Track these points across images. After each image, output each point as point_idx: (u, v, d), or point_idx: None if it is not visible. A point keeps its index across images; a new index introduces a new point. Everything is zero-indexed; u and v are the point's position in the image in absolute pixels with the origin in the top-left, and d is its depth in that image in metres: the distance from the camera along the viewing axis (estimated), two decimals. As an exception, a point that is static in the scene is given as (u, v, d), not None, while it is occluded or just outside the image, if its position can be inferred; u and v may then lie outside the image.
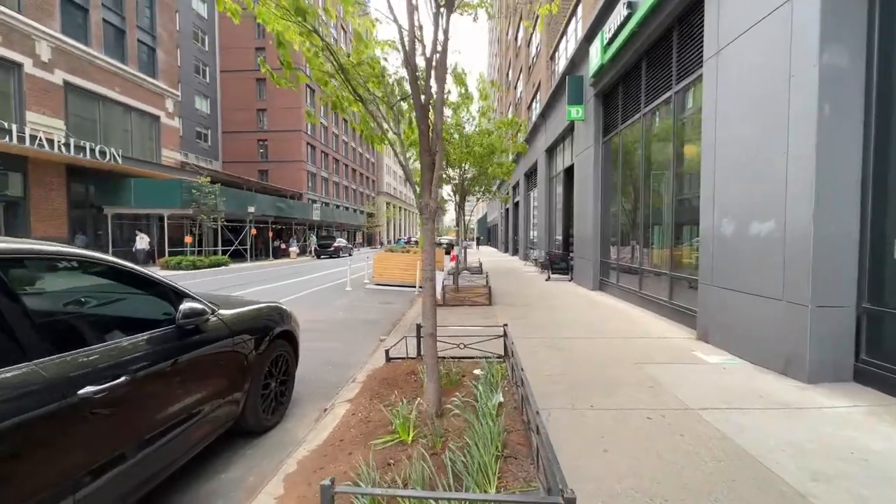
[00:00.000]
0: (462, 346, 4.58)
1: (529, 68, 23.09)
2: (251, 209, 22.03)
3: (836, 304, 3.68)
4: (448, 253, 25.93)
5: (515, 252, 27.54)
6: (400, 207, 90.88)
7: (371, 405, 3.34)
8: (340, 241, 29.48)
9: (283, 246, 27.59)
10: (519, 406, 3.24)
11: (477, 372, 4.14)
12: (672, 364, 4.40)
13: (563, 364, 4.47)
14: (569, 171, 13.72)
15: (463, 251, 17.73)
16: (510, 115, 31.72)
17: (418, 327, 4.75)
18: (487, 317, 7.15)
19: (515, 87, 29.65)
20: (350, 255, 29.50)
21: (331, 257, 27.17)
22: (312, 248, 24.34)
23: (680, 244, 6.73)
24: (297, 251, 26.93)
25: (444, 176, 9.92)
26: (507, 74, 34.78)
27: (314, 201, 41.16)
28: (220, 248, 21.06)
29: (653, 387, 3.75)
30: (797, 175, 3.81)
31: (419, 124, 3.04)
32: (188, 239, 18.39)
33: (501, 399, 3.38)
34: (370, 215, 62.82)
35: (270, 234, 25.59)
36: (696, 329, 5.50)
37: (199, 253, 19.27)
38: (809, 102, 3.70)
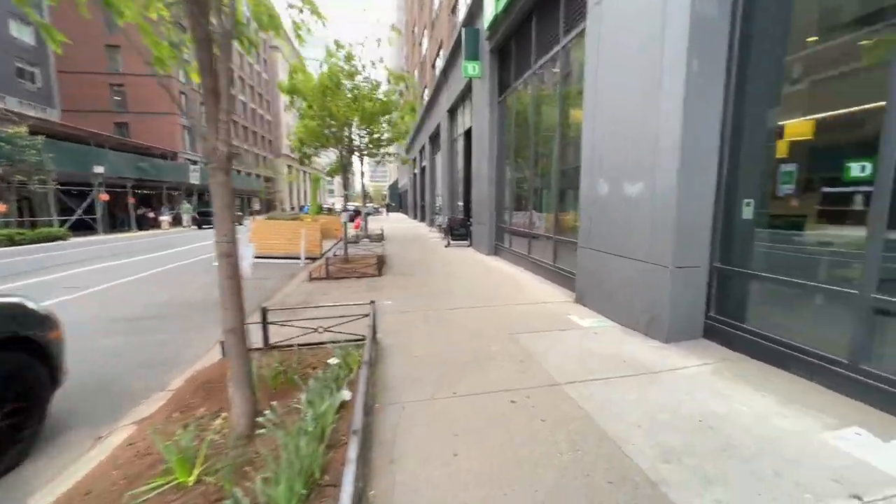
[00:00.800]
0: (320, 329, 3.85)
1: (433, 23, 21.78)
2: (99, 169, 17.82)
3: (692, 264, 3.71)
4: (353, 220, 24.51)
5: (424, 219, 27.10)
6: (305, 172, 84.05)
7: (166, 426, 2.47)
8: (227, 209, 25.88)
9: (150, 215, 23.22)
10: (369, 402, 2.66)
11: (332, 361, 3.47)
12: (547, 332, 4.23)
13: (439, 341, 4.02)
14: (468, 134, 13.29)
15: (364, 218, 16.67)
16: (416, 76, 30.15)
17: (263, 311, 3.88)
18: (373, 289, 6.48)
19: (420, 44, 28.10)
20: (240, 223, 26.20)
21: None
22: (188, 218, 20.79)
23: (565, 208, 6.69)
24: (171, 220, 22.98)
25: (330, 135, 8.67)
26: (413, 30, 32.81)
27: (194, 162, 35.53)
28: (54, 217, 16.75)
29: (523, 360, 3.47)
30: (667, 131, 3.67)
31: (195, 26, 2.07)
32: (1, 207, 14.22)
33: (348, 396, 2.77)
34: (268, 180, 56.90)
35: (132, 200, 21.26)
36: (575, 292, 5.50)
37: (24, 224, 15.12)
38: (679, 53, 3.50)
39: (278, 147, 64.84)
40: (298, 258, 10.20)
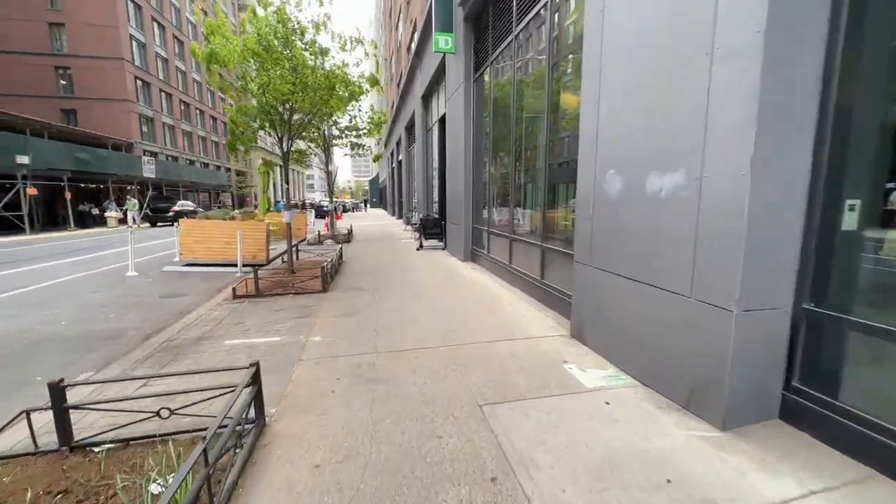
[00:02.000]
0: (164, 412, 2.30)
1: (408, 2, 20.07)
2: (22, 160, 15.52)
3: (768, 305, 2.32)
4: (322, 217, 22.65)
5: (402, 215, 25.47)
6: (281, 166, 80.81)
7: None
8: (185, 204, 23.62)
9: (94, 211, 20.83)
10: None
11: (153, 489, 1.94)
12: (536, 401, 2.79)
13: (365, 423, 2.53)
14: (443, 121, 11.75)
15: (330, 214, 15.01)
16: (392, 65, 28.25)
17: (56, 388, 2.30)
18: (307, 314, 4.94)
19: (397, 29, 26.32)
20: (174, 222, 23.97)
21: (172, 224, 21.55)
22: (132, 215, 18.57)
23: (555, 207, 5.28)
24: (119, 217, 20.68)
25: (265, 117, 6.97)
26: (390, 16, 30.94)
27: (153, 154, 32.86)
28: (-37, 215, 14.42)
29: (496, 479, 2.02)
30: (727, 91, 2.25)
31: None
32: None
33: None
34: (240, 173, 54.05)
35: (68, 195, 18.88)
36: (570, 323, 4.09)
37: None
38: (759, -47, 2.07)
39: (252, 138, 61.80)
40: (236, 265, 8.53)
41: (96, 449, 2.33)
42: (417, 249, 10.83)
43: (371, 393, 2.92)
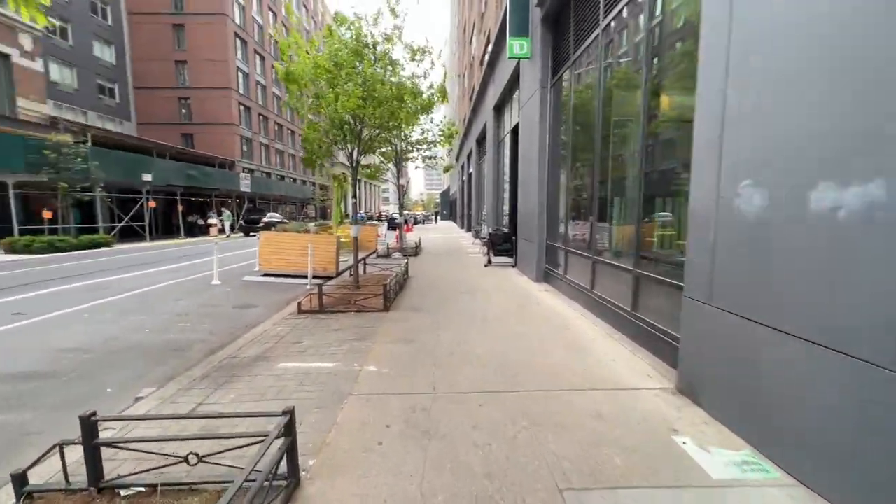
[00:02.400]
0: (192, 458, 2.01)
1: (482, 15, 19.97)
2: (147, 177, 18.08)
3: None
4: (394, 229, 23.23)
5: (470, 228, 25.16)
6: (361, 180, 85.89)
7: None
8: (273, 216, 25.83)
9: (200, 222, 23.64)
10: None
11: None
12: (636, 491, 2.05)
13: (412, 498, 2.02)
14: (516, 131, 11.16)
15: (399, 227, 15.12)
16: (465, 79, 28.36)
17: (88, 423, 2.12)
18: (365, 337, 4.63)
19: (470, 43, 26.46)
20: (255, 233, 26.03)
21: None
22: (226, 225, 20.68)
23: (651, 225, 4.41)
24: (220, 227, 23.17)
25: (338, 132, 7.01)
26: (464, 31, 31.34)
27: (251, 171, 36.70)
28: (100, 224, 17.06)
29: None
30: None
31: None
32: (47, 214, 14.51)
33: None
34: (323, 187, 58.33)
35: (181, 207, 21.62)
36: (677, 373, 3.22)
37: (69, 231, 15.38)
38: None
39: (336, 155, 66.64)
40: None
41: (122, 493, 2.12)
42: (485, 266, 10.28)
43: (423, 452, 2.41)
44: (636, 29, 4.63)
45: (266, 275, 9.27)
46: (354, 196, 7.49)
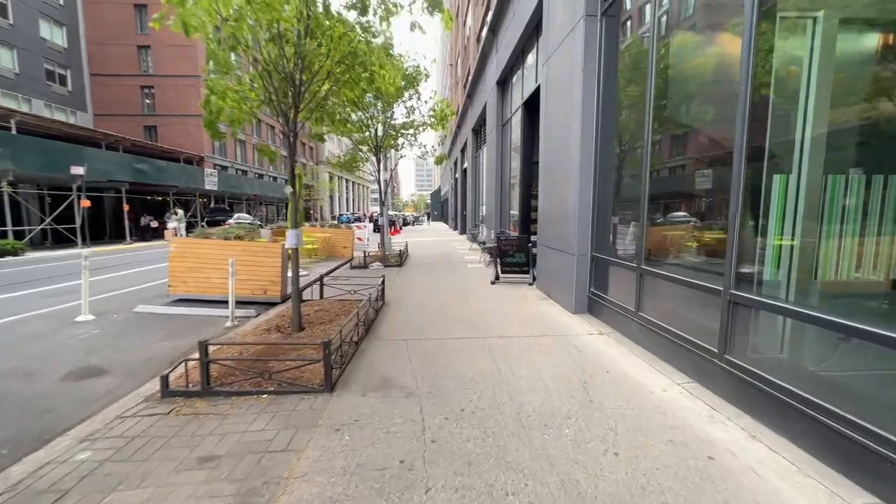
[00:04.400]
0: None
1: (479, -15, 17.34)
2: (77, 170, 14.96)
3: None
4: (376, 230, 20.31)
5: (465, 230, 22.48)
6: (347, 180, 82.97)
7: None
8: (243, 217, 22.81)
9: (153, 224, 20.44)
10: None
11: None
12: None
13: None
14: (531, 103, 8.52)
15: (380, 230, 12.40)
16: (458, 68, 25.42)
17: None
18: (265, 479, 1.90)
19: (465, 25, 23.86)
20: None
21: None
22: (180, 227, 17.60)
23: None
24: (176, 229, 20.05)
25: (270, 89, 4.34)
26: (456, 14, 28.70)
27: (224, 168, 33.54)
28: (10, 227, 13.86)
29: None
30: None
31: None
32: (-71, 214, 11.45)
33: None
34: (307, 187, 55.19)
35: (126, 207, 18.48)
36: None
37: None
38: None
39: (320, 154, 63.53)
40: (251, 301, 5.93)
41: None
42: (492, 283, 7.59)
43: None
44: None
45: (179, 301, 6.44)
46: (294, 187, 4.69)
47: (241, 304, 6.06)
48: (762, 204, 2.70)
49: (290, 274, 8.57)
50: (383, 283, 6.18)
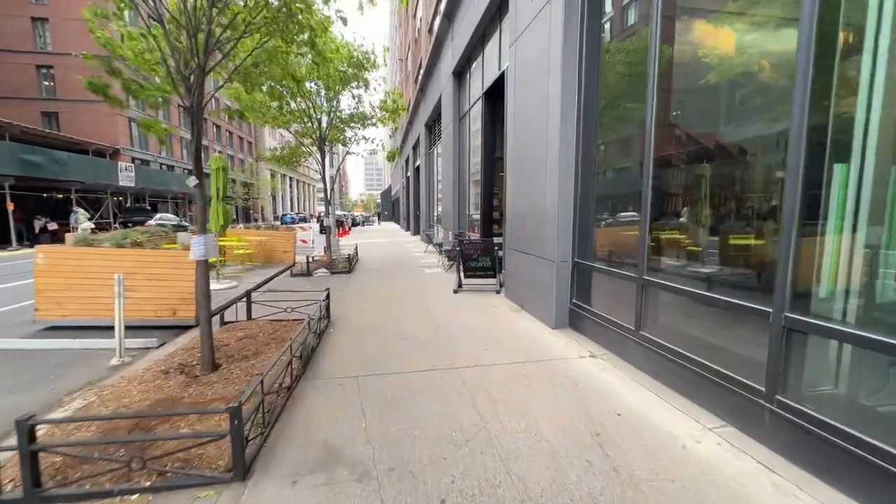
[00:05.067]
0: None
1: (431, -26, 16.49)
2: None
3: None
4: (324, 232, 18.89)
5: (419, 231, 21.54)
6: (292, 178, 78.57)
7: None
8: (167, 218, 20.14)
9: (51, 226, 17.22)
10: None
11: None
12: None
13: None
14: (493, 94, 7.82)
15: (326, 231, 11.19)
16: (409, 62, 24.55)
17: None
18: None
19: (415, 16, 22.92)
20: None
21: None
22: (81, 229, 14.95)
23: None
24: (83, 230, 17.09)
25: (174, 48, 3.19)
26: (406, 6, 27.63)
27: (146, 163, 29.83)
28: None
29: None
30: None
31: None
32: None
33: None
34: (247, 185, 51.22)
35: (10, 205, 15.37)
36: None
37: None
38: None
39: (261, 150, 59.40)
40: (144, 327, 4.56)
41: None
42: (455, 291, 6.77)
43: None
44: None
45: (51, 329, 4.91)
46: (200, 176, 3.52)
47: (140, 329, 4.71)
48: (846, 202, 2.08)
49: (219, 286, 7.17)
50: (328, 296, 5.11)
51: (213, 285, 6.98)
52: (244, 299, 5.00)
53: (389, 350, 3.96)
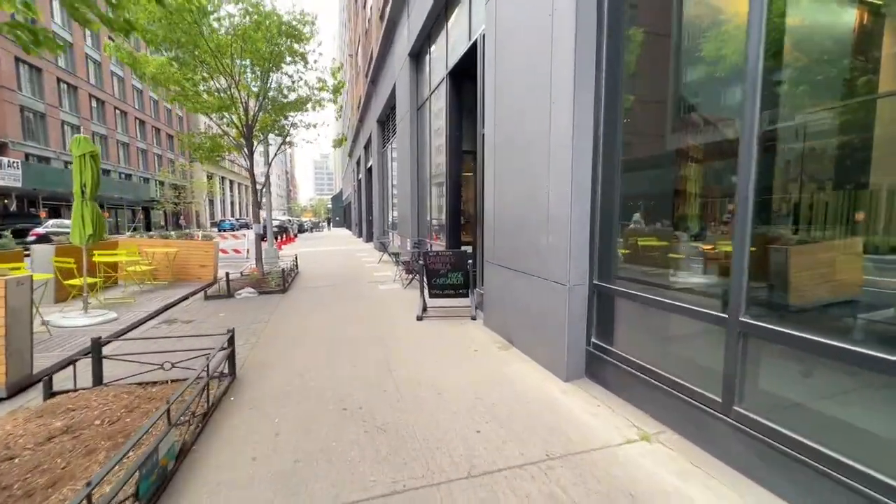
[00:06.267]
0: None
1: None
2: None
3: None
4: (264, 240, 16.53)
5: (372, 237, 19.73)
6: (232, 181, 72.84)
7: None
8: (62, 224, 16.71)
9: None
10: None
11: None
12: None
13: None
14: (460, 74, 6.48)
15: (257, 239, 9.31)
16: (357, 57, 23.33)
17: None
18: None
19: (365, 7, 21.26)
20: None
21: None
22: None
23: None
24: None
25: None
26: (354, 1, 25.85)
27: (45, 159, 25.41)
28: None
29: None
30: None
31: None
32: None
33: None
34: (177, 188, 46.13)
35: None
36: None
37: None
38: None
39: (181, 135, 54.08)
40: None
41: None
42: (419, 318, 5.26)
43: None
44: None
45: None
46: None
47: None
48: None
49: (85, 321, 5.10)
50: (232, 339, 3.40)
51: (76, 320, 4.95)
52: (93, 355, 3.16)
53: (321, 444, 2.39)
